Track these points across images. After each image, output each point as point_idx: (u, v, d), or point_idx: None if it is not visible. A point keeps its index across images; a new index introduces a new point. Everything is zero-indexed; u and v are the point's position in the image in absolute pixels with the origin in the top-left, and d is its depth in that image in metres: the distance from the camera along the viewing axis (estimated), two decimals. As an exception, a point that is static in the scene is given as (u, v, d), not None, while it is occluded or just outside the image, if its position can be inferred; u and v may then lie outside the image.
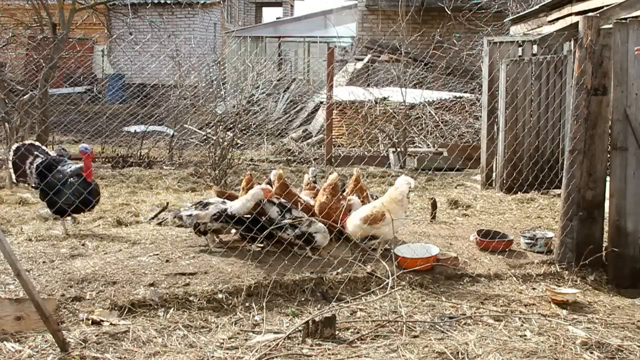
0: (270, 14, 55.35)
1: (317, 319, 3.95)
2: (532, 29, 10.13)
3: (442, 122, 12.85)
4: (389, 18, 17.74)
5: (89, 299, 4.25)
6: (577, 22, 5.48)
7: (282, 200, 5.31)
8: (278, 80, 16.47)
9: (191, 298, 4.36)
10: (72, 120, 12.56)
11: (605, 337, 4.09)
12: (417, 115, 12.98)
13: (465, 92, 14.44)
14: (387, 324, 4.17)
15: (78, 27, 13.96)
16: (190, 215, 5.22)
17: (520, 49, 8.73)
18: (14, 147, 6.05)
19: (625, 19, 5.44)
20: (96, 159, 6.24)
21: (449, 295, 4.78)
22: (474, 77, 13.70)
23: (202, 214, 5.18)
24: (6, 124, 9.46)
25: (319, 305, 4.48)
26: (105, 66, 18.51)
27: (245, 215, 5.16)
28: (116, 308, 4.18)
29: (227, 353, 3.73)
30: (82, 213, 6.00)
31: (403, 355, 3.71)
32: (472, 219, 6.86)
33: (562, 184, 5.47)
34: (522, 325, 4.22)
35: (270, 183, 5.82)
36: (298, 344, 3.87)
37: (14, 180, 6.17)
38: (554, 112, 8.21)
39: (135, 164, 11.00)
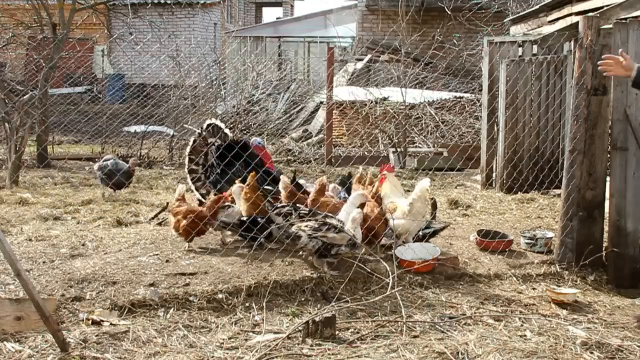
0: (270, 14, 55.45)
1: (317, 319, 3.95)
2: (532, 29, 10.13)
3: (442, 123, 12.85)
4: (389, 18, 17.73)
5: (89, 299, 4.25)
6: (577, 22, 5.48)
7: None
8: (278, 80, 16.47)
9: (191, 298, 4.36)
10: (72, 120, 12.57)
11: (605, 337, 4.09)
12: (418, 116, 12.97)
13: (466, 92, 14.43)
14: (387, 324, 4.17)
15: (78, 27, 13.94)
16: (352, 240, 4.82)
17: (520, 49, 8.73)
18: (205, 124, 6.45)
19: (625, 19, 5.44)
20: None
21: (449, 295, 4.78)
22: (474, 78, 13.69)
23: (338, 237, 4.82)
24: (6, 124, 9.45)
25: (319, 305, 4.48)
26: (105, 66, 18.52)
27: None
28: (116, 308, 4.18)
29: (227, 353, 3.73)
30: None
31: (403, 355, 3.71)
32: (472, 219, 6.86)
33: (562, 184, 5.47)
34: (522, 325, 4.22)
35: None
36: (298, 344, 3.87)
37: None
38: (554, 113, 8.21)
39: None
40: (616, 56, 4.30)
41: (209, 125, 6.46)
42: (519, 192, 8.10)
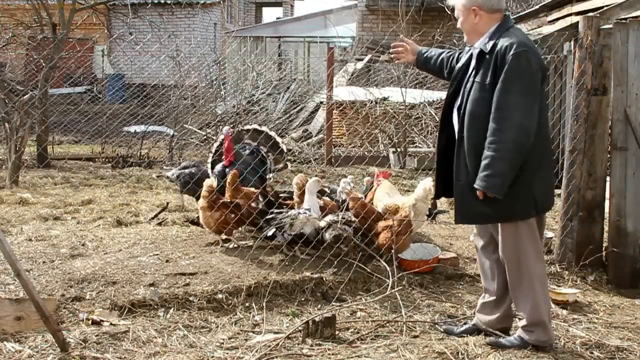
0: (270, 14, 55.33)
1: (317, 319, 3.95)
2: (532, 29, 10.13)
3: (442, 123, 12.83)
4: (389, 18, 17.73)
5: (89, 299, 4.26)
6: (577, 22, 5.48)
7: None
8: (278, 80, 16.46)
9: (191, 298, 4.36)
10: (72, 120, 12.54)
11: (605, 337, 4.10)
12: (418, 116, 12.96)
13: (466, 92, 14.41)
14: (387, 324, 4.18)
15: (78, 27, 13.90)
16: None
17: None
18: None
19: (625, 19, 5.45)
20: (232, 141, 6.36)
21: (449, 295, 4.78)
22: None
23: None
24: (6, 124, 9.44)
25: (319, 305, 4.48)
26: (105, 66, 18.50)
27: None
28: (116, 308, 4.19)
29: (227, 353, 3.73)
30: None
31: (403, 355, 3.71)
32: (472, 219, 6.85)
33: (562, 184, 5.47)
34: (522, 325, 4.22)
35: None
36: (298, 344, 3.87)
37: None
38: (554, 113, 8.20)
39: (135, 164, 10.97)
40: (403, 43, 4.30)
41: (250, 129, 6.58)
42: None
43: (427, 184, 5.30)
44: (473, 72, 3.76)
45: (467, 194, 3.73)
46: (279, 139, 6.58)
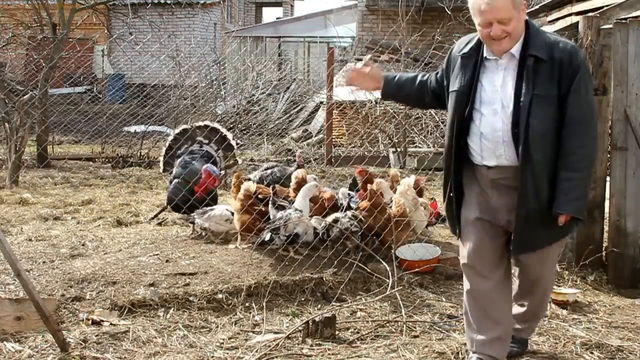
0: (270, 14, 55.40)
1: (317, 319, 3.96)
2: (532, 29, 10.10)
3: (442, 122, 12.84)
4: (389, 18, 17.72)
5: (89, 299, 4.26)
6: (577, 22, 5.48)
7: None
8: (278, 80, 16.47)
9: (191, 298, 4.36)
10: (72, 120, 12.54)
11: (605, 337, 4.10)
12: (418, 116, 12.96)
13: (466, 92, 14.39)
14: (387, 324, 4.18)
15: (78, 27, 13.91)
16: None
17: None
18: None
19: (625, 19, 5.44)
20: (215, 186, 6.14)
21: (449, 295, 4.78)
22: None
23: None
24: (6, 124, 9.44)
25: (319, 305, 4.48)
26: (105, 66, 18.50)
27: None
28: (116, 308, 4.19)
29: (227, 353, 3.73)
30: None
31: (403, 355, 3.71)
32: (472, 219, 6.85)
33: (562, 184, 5.46)
34: (522, 325, 4.22)
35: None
36: (298, 344, 3.87)
37: None
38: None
39: (135, 164, 10.97)
40: (360, 68, 3.66)
41: (206, 126, 6.57)
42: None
43: (407, 180, 5.42)
44: (525, 84, 3.18)
45: (534, 221, 3.27)
46: (229, 136, 6.62)
